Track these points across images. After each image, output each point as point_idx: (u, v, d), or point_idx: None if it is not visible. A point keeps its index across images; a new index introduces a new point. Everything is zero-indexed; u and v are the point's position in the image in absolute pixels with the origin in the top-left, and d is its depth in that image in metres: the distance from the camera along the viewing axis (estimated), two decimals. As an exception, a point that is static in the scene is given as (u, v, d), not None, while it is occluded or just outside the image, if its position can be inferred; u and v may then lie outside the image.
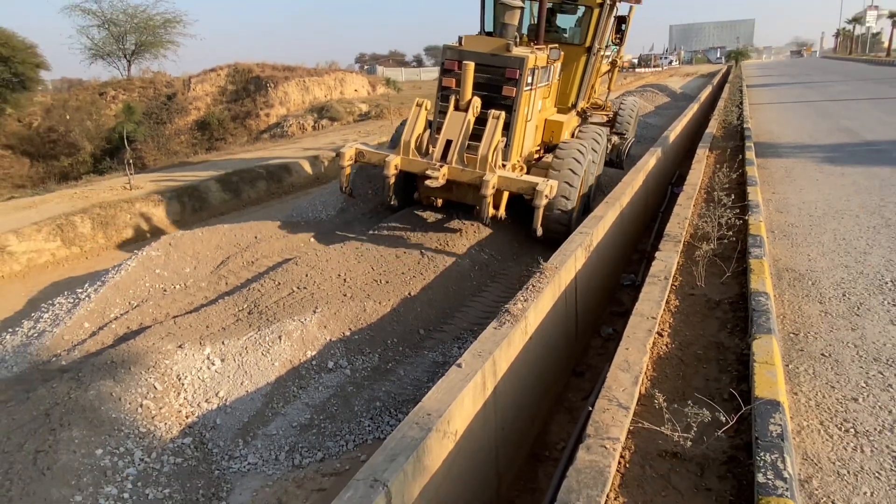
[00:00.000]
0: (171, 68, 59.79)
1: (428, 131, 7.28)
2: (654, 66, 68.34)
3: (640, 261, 8.24)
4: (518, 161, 7.54)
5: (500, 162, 7.04)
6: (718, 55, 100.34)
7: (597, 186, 9.30)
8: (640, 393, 3.12)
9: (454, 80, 7.04)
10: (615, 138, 10.59)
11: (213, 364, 4.71)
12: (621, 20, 9.65)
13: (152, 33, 35.63)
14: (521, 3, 7.34)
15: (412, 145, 7.12)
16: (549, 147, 8.60)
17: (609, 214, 6.67)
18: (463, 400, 3.15)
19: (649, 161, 9.60)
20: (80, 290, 6.12)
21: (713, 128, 13.37)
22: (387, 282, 6.09)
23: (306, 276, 6.04)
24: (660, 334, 3.75)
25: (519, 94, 7.03)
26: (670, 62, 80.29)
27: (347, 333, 5.22)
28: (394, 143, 8.01)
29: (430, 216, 8.00)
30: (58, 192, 11.33)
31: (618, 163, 10.83)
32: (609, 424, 2.69)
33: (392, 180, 7.14)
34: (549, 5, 8.70)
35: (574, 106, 9.17)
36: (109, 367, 4.37)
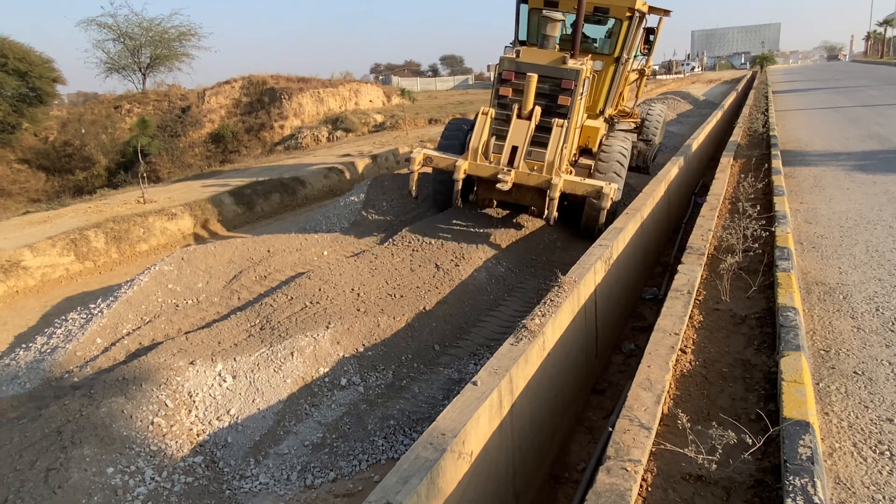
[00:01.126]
0: (186, 81, 60.87)
1: (492, 137, 7.82)
2: (676, 73, 68.05)
3: (662, 274, 8.16)
4: (568, 163, 8.14)
5: (564, 166, 7.77)
6: (743, 61, 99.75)
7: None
8: (662, 412, 3.08)
9: (511, 89, 7.73)
10: (641, 145, 10.98)
11: (225, 381, 4.74)
12: (650, 31, 10.03)
13: (167, 46, 36.40)
14: (562, 16, 8.07)
15: (479, 151, 7.67)
16: (582, 150, 9.15)
17: (630, 226, 6.62)
18: (479, 419, 3.14)
19: (671, 170, 9.53)
20: (92, 306, 6.23)
21: (737, 135, 13.25)
22: (401, 296, 6.11)
23: (319, 290, 6.08)
24: (683, 351, 3.70)
25: (573, 103, 7.69)
26: (692, 68, 79.96)
27: (361, 349, 5.23)
28: (441, 148, 8.67)
29: (446, 228, 8.02)
30: (72, 207, 11.56)
31: (644, 168, 11.29)
32: (630, 446, 2.66)
33: (460, 184, 7.63)
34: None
35: (602, 113, 9.56)
36: (121, 384, 4.43)
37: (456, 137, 8.89)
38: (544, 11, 8.27)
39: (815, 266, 5.25)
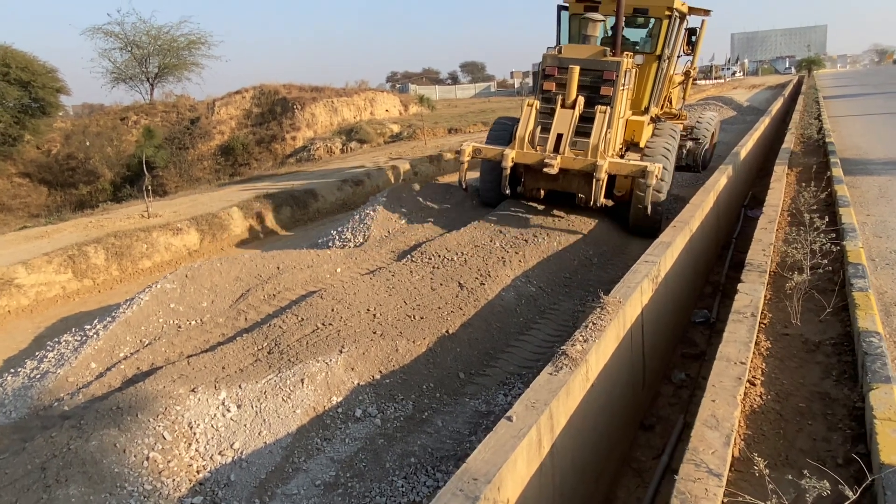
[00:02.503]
0: (195, 91, 62.00)
1: (538, 128, 8.76)
2: (716, 78, 67.52)
3: (713, 294, 7.84)
4: (613, 154, 8.91)
5: (609, 151, 8.62)
6: (787, 65, 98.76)
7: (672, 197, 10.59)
8: (733, 455, 2.80)
9: (554, 83, 8.78)
10: (690, 143, 11.68)
11: (229, 411, 4.55)
12: (692, 32, 10.89)
13: (176, 55, 37.06)
14: (602, 17, 9.14)
15: (526, 140, 8.66)
16: (629, 146, 9.91)
17: (678, 240, 6.35)
18: (516, 461, 2.89)
19: (720, 180, 9.24)
20: (88, 327, 6.12)
21: (790, 142, 12.90)
22: (421, 318, 5.89)
23: (332, 310, 5.90)
24: (751, 383, 3.42)
25: (615, 93, 8.58)
26: (733, 73, 79.33)
27: (377, 377, 5.01)
28: (490, 141, 9.75)
29: (468, 243, 7.81)
30: (72, 221, 11.60)
31: (695, 167, 12.13)
32: (699, 497, 2.38)
33: (508, 171, 8.61)
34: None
35: (647, 110, 10.28)
36: (114, 414, 4.26)
37: (502, 133, 9.78)
38: (584, 14, 9.32)
39: (891, 285, 4.93)
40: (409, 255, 7.52)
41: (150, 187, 12.01)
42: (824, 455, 2.77)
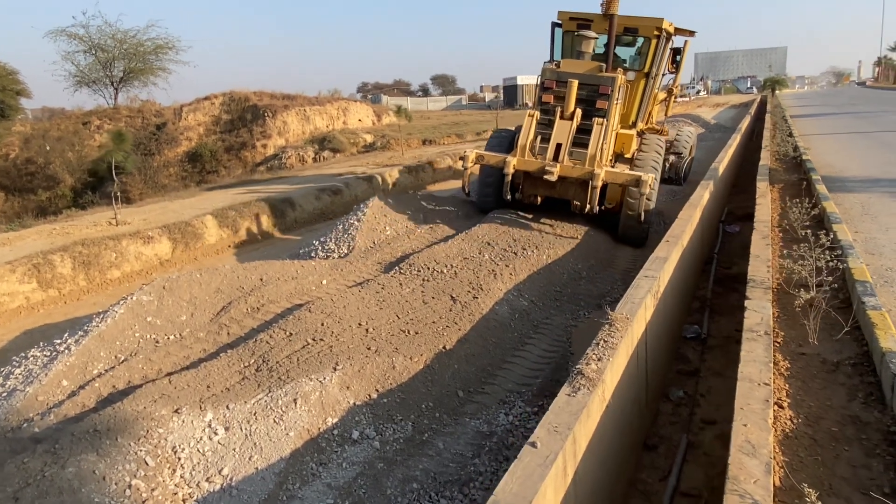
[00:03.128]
0: (162, 97, 60.74)
1: (537, 138, 9.22)
2: (681, 96, 69.01)
3: (700, 309, 7.80)
4: (606, 164, 9.34)
5: (604, 161, 9.14)
6: (749, 85, 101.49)
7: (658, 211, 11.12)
8: (774, 485, 2.66)
9: (552, 96, 9.27)
10: (673, 157, 12.36)
11: (216, 433, 4.26)
12: (676, 51, 11.31)
13: (142, 60, 36.16)
14: (595, 35, 9.69)
15: (527, 148, 9.14)
16: (617, 158, 10.42)
17: (673, 255, 6.28)
18: (545, 493, 2.70)
19: (703, 195, 9.26)
20: (57, 341, 5.73)
21: (766, 159, 13.08)
22: (416, 332, 5.67)
23: (322, 325, 5.64)
24: (779, 405, 3.31)
25: (611, 106, 9.12)
26: (698, 92, 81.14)
27: (374, 396, 4.77)
28: (489, 148, 10.35)
29: (457, 254, 7.64)
30: (35, 228, 11.06)
31: (676, 180, 12.88)
32: (755, 533, 2.23)
33: (510, 177, 9.10)
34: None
35: (634, 124, 10.88)
36: (92, 437, 3.94)
37: (501, 143, 10.45)
38: (577, 32, 9.90)
39: (894, 304, 4.90)
40: (397, 267, 7.30)
41: (118, 193, 11.53)
42: (868, 483, 2.65)
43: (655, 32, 10.31)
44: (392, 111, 37.45)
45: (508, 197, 9.37)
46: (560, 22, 10.71)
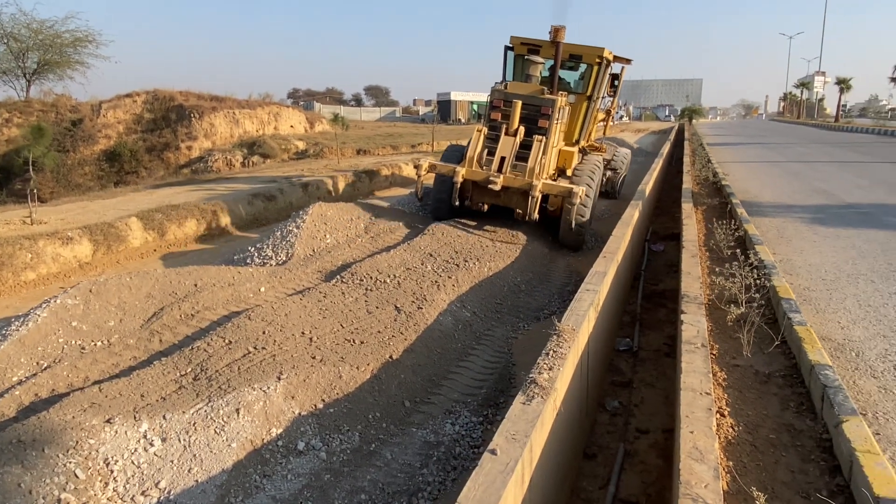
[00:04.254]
0: (78, 91, 57.69)
1: (485, 151, 10.17)
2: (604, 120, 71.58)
3: (631, 323, 8.10)
4: (547, 177, 10.36)
5: (543, 175, 10.05)
6: (667, 113, 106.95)
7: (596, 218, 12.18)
8: (723, 490, 2.79)
9: (500, 114, 10.21)
10: (610, 173, 14.27)
11: (152, 445, 4.05)
12: (615, 77, 12.71)
13: (59, 52, 34.18)
14: (542, 60, 10.85)
15: (475, 160, 10.07)
16: (560, 173, 11.37)
17: (610, 269, 6.49)
18: (507, 499, 2.72)
19: (633, 214, 9.65)
20: (-31, 346, 5.28)
21: (688, 183, 13.79)
22: (361, 342, 5.60)
23: (263, 333, 5.48)
24: (721, 414, 3.48)
25: (551, 125, 10.09)
26: (621, 117, 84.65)
27: (320, 406, 4.67)
28: (444, 159, 11.20)
29: (399, 264, 7.62)
30: (-64, 225, 10.19)
31: (612, 194, 14.79)
32: (713, 534, 2.33)
33: (458, 186, 9.94)
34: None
35: (577, 142, 12.05)
36: (16, 448, 3.65)
37: (453, 156, 11.21)
38: (527, 57, 11.01)
39: (813, 320, 5.27)
40: (338, 276, 7.20)
41: (35, 191, 10.80)
42: (807, 487, 2.83)
43: (597, 60, 11.42)
44: (326, 119, 37.00)
45: (457, 203, 10.12)
46: (512, 46, 11.70)
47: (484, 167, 10.01)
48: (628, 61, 12.71)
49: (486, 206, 10.56)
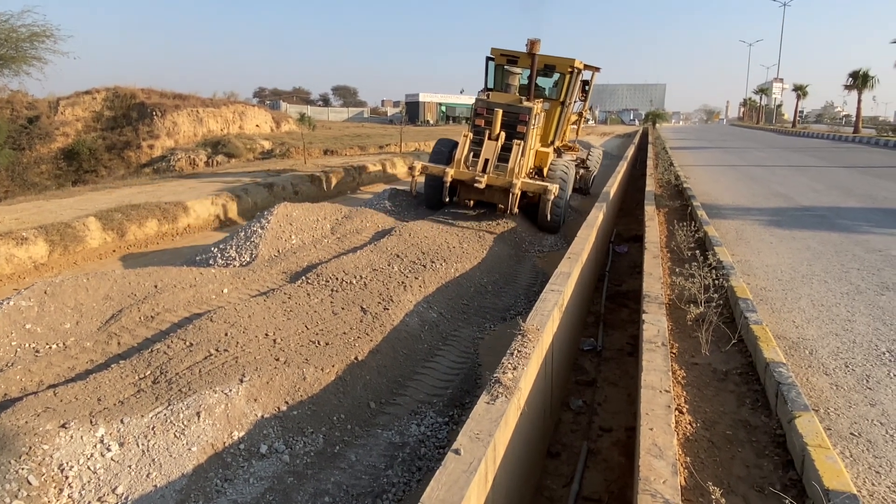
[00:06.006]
0: (35, 87, 55.91)
1: (470, 154, 11.44)
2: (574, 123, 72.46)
3: (595, 323, 8.21)
4: (525, 176, 11.72)
5: (522, 174, 11.33)
6: (632, 117, 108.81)
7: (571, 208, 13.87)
8: (680, 485, 2.85)
9: (483, 120, 11.58)
10: (582, 171, 15.63)
11: (109, 449, 3.95)
12: (585, 83, 14.22)
13: (14, 47, 33.01)
14: (520, 70, 12.33)
15: (462, 161, 11.33)
16: (537, 171, 12.72)
17: (574, 270, 6.57)
18: (470, 499, 2.73)
19: (598, 216, 9.78)
20: (-86, 350, 5.08)
21: (651, 186, 14.04)
22: (327, 343, 5.56)
23: (226, 335, 5.40)
24: (680, 411, 3.55)
25: (528, 130, 11.45)
26: (587, 120, 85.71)
27: (284, 408, 4.62)
28: (432, 160, 12.46)
29: (366, 266, 7.58)
30: None
31: (584, 190, 16.41)
32: (670, 528, 2.38)
33: (448, 184, 11.19)
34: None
35: (552, 143, 13.45)
36: (-37, 457, 3.52)
37: (442, 153, 12.54)
38: (506, 67, 12.48)
39: (769, 319, 5.42)
40: (304, 277, 7.13)
41: (-13, 189, 10.42)
42: (761, 482, 2.91)
43: (569, 69, 12.94)
44: (293, 118, 36.58)
45: (447, 199, 11.58)
46: (493, 57, 13.09)
47: (470, 168, 11.28)
48: (597, 69, 14.12)
49: (472, 202, 12.03)
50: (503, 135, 11.40)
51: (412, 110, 64.67)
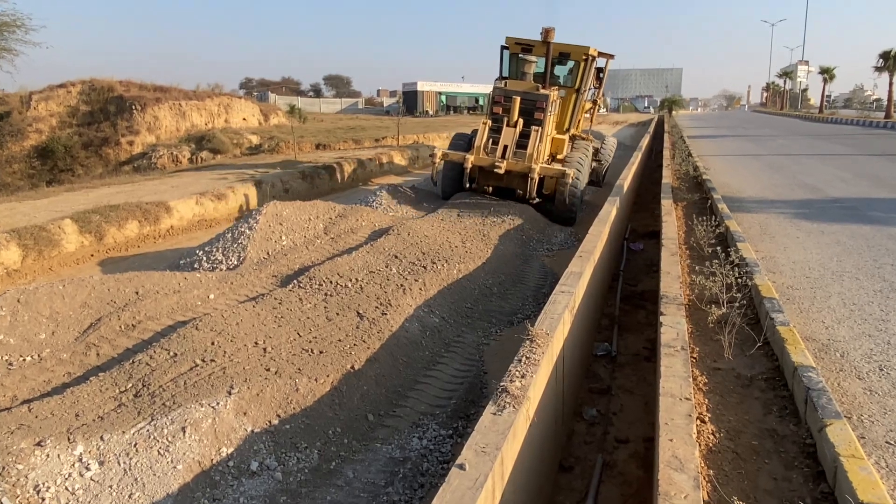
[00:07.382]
0: (6, 81, 56.02)
1: (489, 141, 12.61)
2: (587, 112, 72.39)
3: (609, 327, 8.20)
4: (542, 161, 12.68)
5: (540, 160, 12.44)
6: (646, 104, 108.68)
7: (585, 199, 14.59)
8: (703, 500, 2.83)
9: (501, 108, 12.66)
10: (595, 164, 16.35)
11: (88, 469, 3.94)
12: (600, 70, 15.19)
13: (-18, 38, 33.15)
14: (535, 59, 13.36)
15: (481, 148, 12.48)
16: (553, 158, 13.86)
17: (586, 270, 6.56)
18: (476, 517, 2.72)
19: (611, 212, 9.77)
20: None
21: (668, 178, 14.02)
22: (321, 352, 5.55)
23: (212, 344, 5.40)
24: (701, 420, 3.54)
25: (545, 117, 12.56)
26: (601, 109, 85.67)
27: (275, 422, 4.62)
28: (452, 147, 13.80)
29: (361, 267, 7.58)
30: None
31: (597, 182, 17.35)
32: (693, 547, 2.36)
33: (468, 170, 12.39)
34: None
35: (567, 131, 14.42)
36: (-69, 479, 3.52)
37: (460, 144, 13.78)
38: (521, 55, 13.53)
39: (798, 320, 5.40)
40: (295, 281, 7.13)
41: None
42: (790, 495, 2.89)
43: (584, 57, 13.81)
44: (282, 111, 36.59)
45: (467, 185, 12.76)
46: (507, 46, 13.94)
47: (489, 154, 12.43)
48: (611, 56, 14.94)
49: (490, 188, 13.11)
50: (521, 122, 12.44)
51: (410, 100, 64.70)
